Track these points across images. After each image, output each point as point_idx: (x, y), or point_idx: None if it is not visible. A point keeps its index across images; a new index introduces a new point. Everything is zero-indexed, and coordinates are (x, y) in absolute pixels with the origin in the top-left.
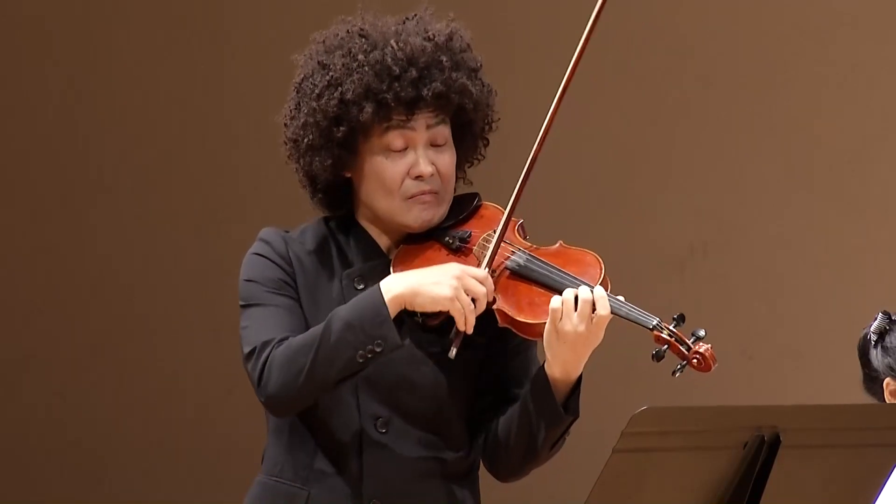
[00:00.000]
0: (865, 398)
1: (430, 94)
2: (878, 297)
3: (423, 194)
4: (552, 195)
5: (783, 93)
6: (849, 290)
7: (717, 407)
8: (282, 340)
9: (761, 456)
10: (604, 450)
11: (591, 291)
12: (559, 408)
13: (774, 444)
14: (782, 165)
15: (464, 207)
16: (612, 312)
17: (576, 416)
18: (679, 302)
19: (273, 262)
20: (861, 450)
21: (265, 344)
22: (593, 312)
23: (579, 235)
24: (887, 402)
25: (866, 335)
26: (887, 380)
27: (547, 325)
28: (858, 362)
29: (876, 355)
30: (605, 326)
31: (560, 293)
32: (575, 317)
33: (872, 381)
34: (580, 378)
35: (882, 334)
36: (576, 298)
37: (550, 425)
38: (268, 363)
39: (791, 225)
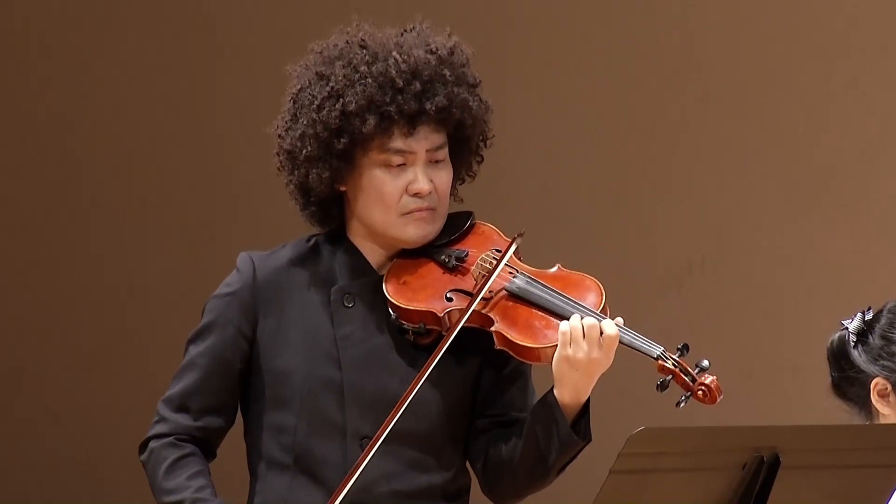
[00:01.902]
0: (834, 401)
1: (433, 107)
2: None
3: (420, 211)
4: (550, 210)
5: (782, 108)
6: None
7: (715, 427)
8: (172, 440)
9: (760, 477)
10: (600, 471)
11: (597, 317)
12: (572, 433)
13: (774, 464)
14: (782, 181)
15: (457, 226)
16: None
17: (588, 440)
18: (677, 318)
19: (236, 302)
20: (862, 470)
21: (160, 420)
22: (601, 336)
23: (577, 250)
24: (873, 401)
25: (843, 337)
26: (876, 379)
27: (558, 352)
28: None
29: (858, 355)
30: (615, 349)
31: (560, 317)
32: (585, 343)
33: (850, 382)
34: (588, 401)
35: (862, 334)
36: (583, 324)
37: (562, 450)
38: (151, 450)
39: (791, 241)
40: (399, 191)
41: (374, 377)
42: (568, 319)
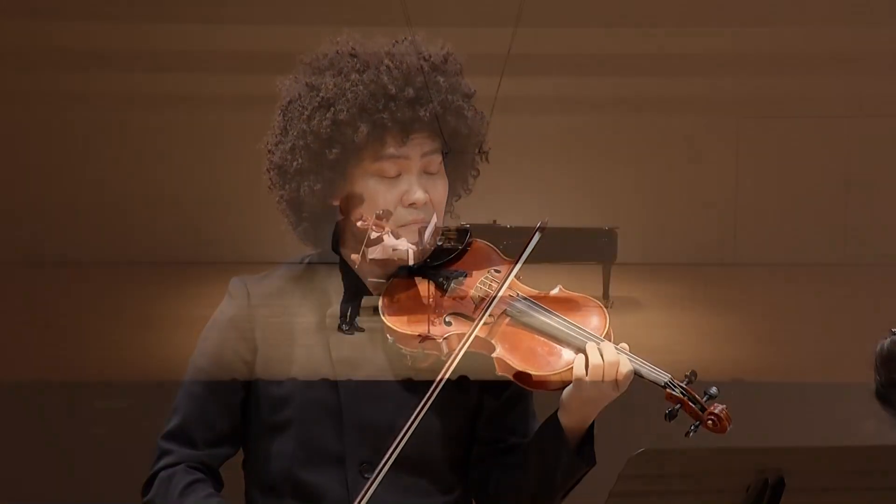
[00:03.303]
0: (877, 408)
1: (426, 114)
2: (885, 330)
3: (416, 223)
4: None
5: (785, 121)
6: (856, 324)
7: (718, 448)
8: (183, 467)
9: (765, 500)
10: (601, 493)
11: (606, 352)
12: (576, 458)
13: (778, 487)
14: (784, 192)
15: (455, 244)
16: None
17: (592, 464)
18: (679, 334)
19: (232, 328)
20: (868, 493)
21: (164, 453)
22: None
23: (577, 264)
24: None
25: (894, 341)
26: None
27: (571, 389)
28: (877, 370)
29: None
30: (628, 384)
31: (563, 343)
32: (601, 381)
33: None
34: (592, 424)
35: None
36: (587, 358)
37: (567, 475)
38: (161, 479)
39: (794, 255)
40: (394, 202)
41: (372, 402)
42: (572, 346)
